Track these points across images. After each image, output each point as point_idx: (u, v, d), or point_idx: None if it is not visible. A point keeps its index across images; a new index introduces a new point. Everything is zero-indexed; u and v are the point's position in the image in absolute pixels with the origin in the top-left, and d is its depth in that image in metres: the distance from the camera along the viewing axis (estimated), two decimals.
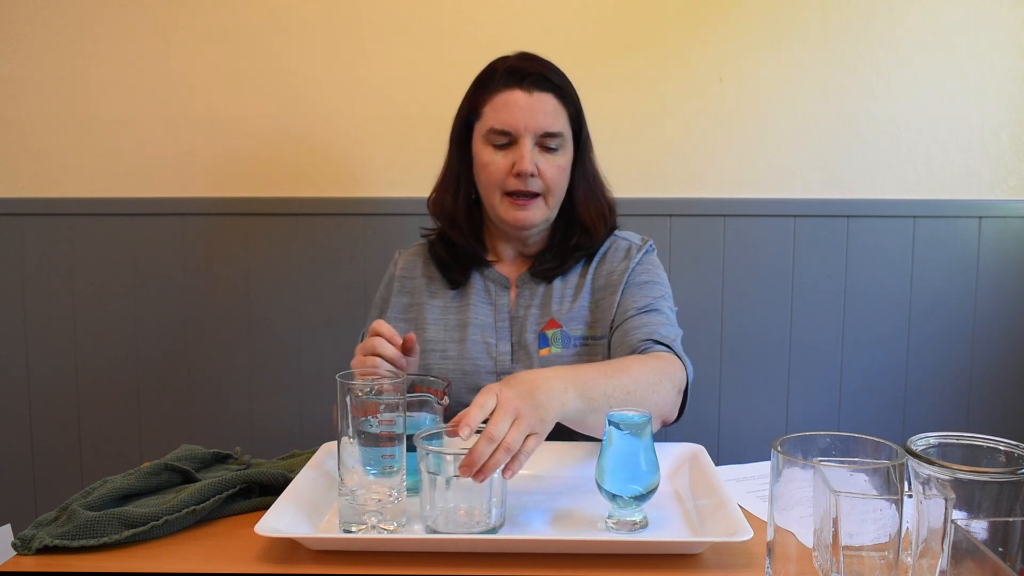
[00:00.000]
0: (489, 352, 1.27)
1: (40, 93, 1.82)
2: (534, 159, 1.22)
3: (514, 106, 1.22)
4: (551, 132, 1.23)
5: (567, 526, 0.92)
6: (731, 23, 1.79)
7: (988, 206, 1.82)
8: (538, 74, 1.23)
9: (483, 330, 1.28)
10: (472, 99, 1.28)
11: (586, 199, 1.31)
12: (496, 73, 1.25)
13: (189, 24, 1.80)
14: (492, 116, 1.23)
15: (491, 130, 1.23)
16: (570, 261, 1.31)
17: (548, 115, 1.22)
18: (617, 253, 1.33)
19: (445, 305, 1.32)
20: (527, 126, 1.21)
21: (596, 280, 1.30)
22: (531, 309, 1.29)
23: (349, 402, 0.88)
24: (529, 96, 1.22)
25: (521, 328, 1.28)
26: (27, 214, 1.84)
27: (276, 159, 1.83)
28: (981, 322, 1.85)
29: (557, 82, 1.24)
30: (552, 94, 1.23)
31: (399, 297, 1.35)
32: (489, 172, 1.24)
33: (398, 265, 1.38)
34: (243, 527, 0.93)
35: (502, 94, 1.23)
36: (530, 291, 1.31)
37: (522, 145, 1.22)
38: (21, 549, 0.87)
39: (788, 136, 1.82)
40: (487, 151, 1.25)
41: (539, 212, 1.26)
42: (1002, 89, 1.80)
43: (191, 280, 1.85)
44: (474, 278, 1.33)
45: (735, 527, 0.85)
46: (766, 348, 1.85)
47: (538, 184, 1.23)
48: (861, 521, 0.61)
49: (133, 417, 1.88)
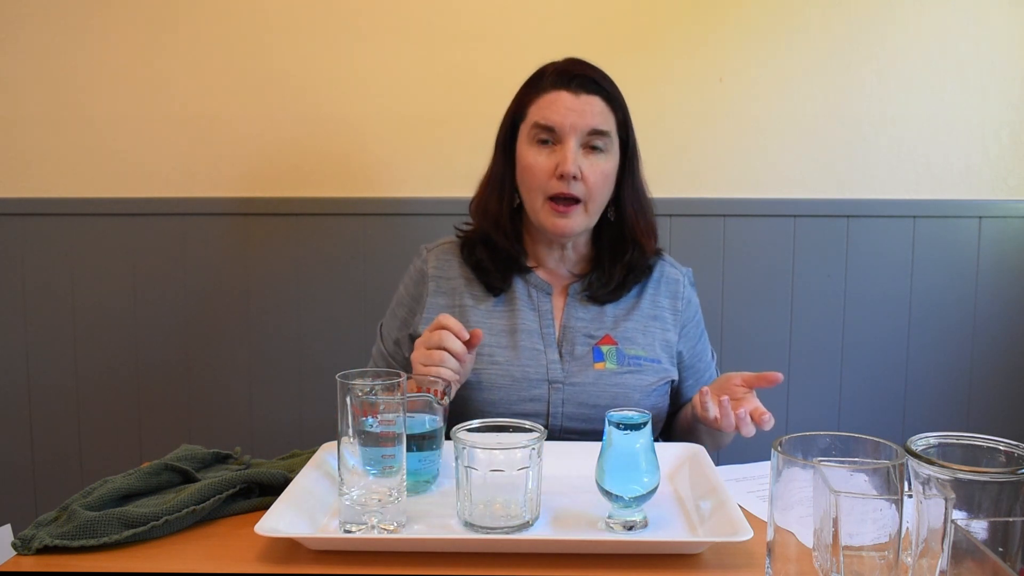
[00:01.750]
0: (539, 360, 1.25)
1: (40, 93, 1.82)
2: (578, 161, 1.20)
3: (560, 104, 1.21)
4: (598, 130, 1.21)
5: (567, 526, 0.92)
6: (731, 23, 1.79)
7: (988, 206, 1.82)
8: (587, 76, 1.22)
9: (531, 337, 1.27)
10: (519, 101, 1.27)
11: (636, 214, 1.29)
12: (544, 75, 1.25)
13: (190, 24, 1.80)
14: (537, 113, 1.22)
15: (535, 125, 1.22)
16: (624, 288, 1.30)
17: (596, 115, 1.21)
18: (668, 285, 1.34)
19: (489, 309, 1.29)
20: (573, 125, 1.20)
21: (651, 307, 1.31)
22: (583, 321, 1.28)
23: (349, 402, 0.88)
24: (576, 97, 1.21)
25: (572, 339, 1.27)
26: (27, 214, 1.84)
27: (276, 159, 1.83)
28: (981, 322, 1.85)
29: (606, 87, 1.24)
30: (600, 96, 1.23)
31: (436, 297, 1.31)
32: (533, 174, 1.23)
33: (429, 263, 1.33)
34: (243, 527, 0.93)
35: (549, 94, 1.22)
36: (582, 306, 1.30)
37: (567, 145, 1.20)
38: (21, 549, 0.87)
39: (788, 136, 1.82)
40: (531, 151, 1.23)
41: (579, 220, 1.24)
42: (1002, 89, 1.81)
43: (191, 280, 1.85)
44: (516, 283, 1.31)
45: (735, 527, 0.85)
46: (766, 348, 1.85)
47: (580, 188, 1.21)
48: (861, 521, 0.61)
49: (133, 417, 1.88)
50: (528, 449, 0.88)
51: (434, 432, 1.03)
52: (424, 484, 1.02)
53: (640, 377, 1.25)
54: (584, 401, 1.23)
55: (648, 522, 0.92)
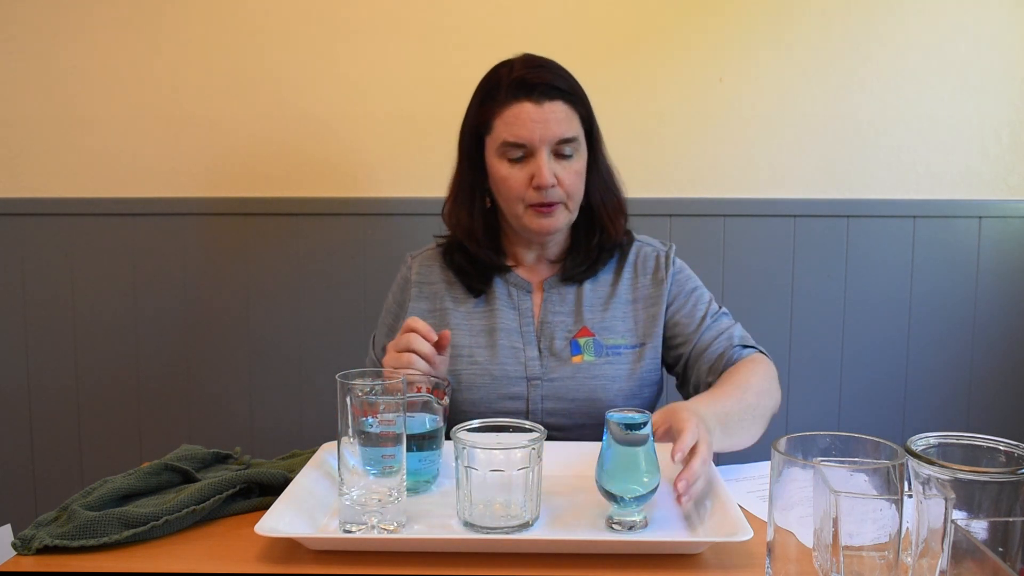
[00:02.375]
0: (518, 357, 1.26)
1: (38, 93, 1.82)
2: (552, 169, 1.21)
3: (526, 119, 1.20)
4: (566, 138, 1.21)
5: (567, 526, 0.92)
6: (731, 23, 1.79)
7: (988, 206, 1.82)
8: (547, 84, 1.21)
9: (510, 335, 1.27)
10: (480, 112, 1.25)
11: (603, 198, 1.30)
12: (501, 84, 1.22)
13: (189, 24, 1.80)
14: (504, 130, 1.21)
15: (504, 143, 1.21)
16: (599, 263, 1.31)
17: (561, 123, 1.21)
18: (647, 263, 1.33)
19: (469, 311, 1.30)
20: (542, 137, 1.20)
21: (633, 291, 1.31)
22: (560, 316, 1.29)
23: (349, 402, 0.88)
24: (540, 108, 1.20)
25: (551, 334, 1.27)
26: (27, 214, 1.84)
27: (276, 159, 1.83)
28: (981, 322, 1.85)
29: (565, 88, 1.23)
30: (562, 101, 1.21)
31: (418, 302, 1.32)
32: (509, 186, 1.23)
33: (412, 269, 1.35)
34: (243, 527, 0.93)
35: (512, 108, 1.20)
36: (559, 296, 1.30)
37: (539, 157, 1.20)
38: (21, 549, 0.87)
39: (788, 136, 1.82)
40: (503, 166, 1.23)
41: (562, 217, 1.25)
42: (1002, 89, 1.80)
43: (191, 280, 1.85)
44: (496, 283, 1.32)
45: (735, 527, 0.85)
46: (766, 348, 1.84)
47: (558, 193, 1.22)
48: (861, 521, 0.61)
49: (133, 417, 1.88)
50: (528, 449, 0.88)
51: (434, 432, 1.03)
52: (424, 484, 1.03)
53: (618, 367, 1.25)
54: (563, 396, 1.24)
55: (648, 522, 0.92)
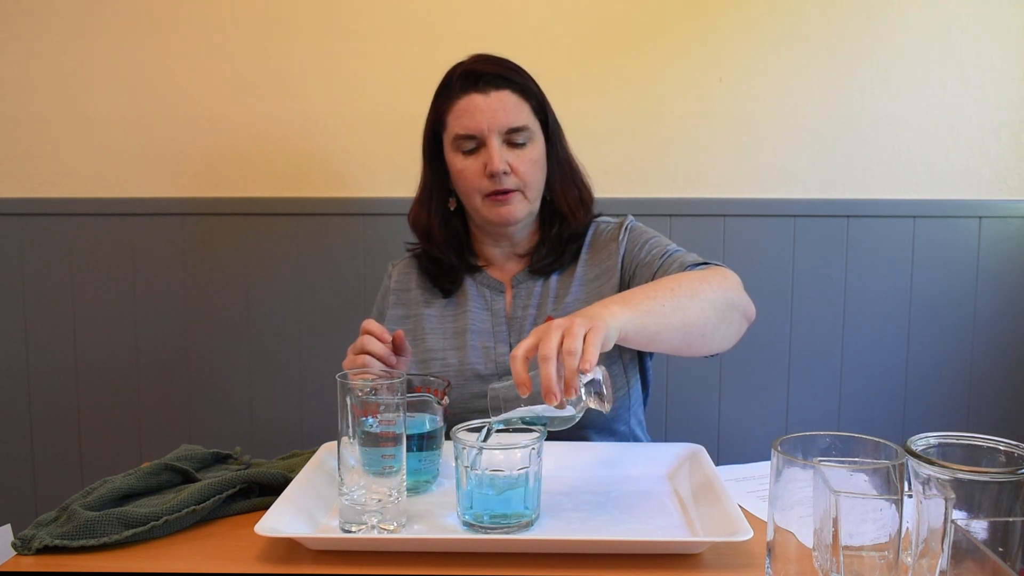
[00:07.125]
0: (488, 356, 1.27)
1: (39, 93, 1.82)
2: (504, 157, 1.23)
3: (474, 109, 1.22)
4: (515, 127, 1.23)
5: (567, 526, 0.92)
6: (731, 23, 1.79)
7: (988, 206, 1.82)
8: (493, 74, 1.24)
9: (481, 336, 1.29)
10: (435, 111, 1.29)
11: (563, 188, 1.32)
12: (452, 80, 1.26)
13: (189, 24, 1.80)
14: (455, 123, 1.24)
15: (456, 136, 1.25)
16: (566, 254, 1.31)
17: (509, 111, 1.23)
18: (601, 238, 1.33)
19: (441, 314, 1.32)
20: (490, 126, 1.22)
21: (589, 271, 1.30)
22: (528, 309, 1.30)
23: (349, 402, 0.88)
24: (487, 97, 1.22)
25: (520, 329, 1.28)
26: (27, 214, 1.84)
27: (275, 159, 1.83)
28: (981, 322, 1.85)
29: (513, 78, 1.25)
30: (510, 90, 1.24)
31: (394, 309, 1.35)
32: (464, 178, 1.26)
33: (392, 277, 1.40)
34: (243, 527, 0.93)
35: (461, 100, 1.24)
36: (527, 290, 1.31)
37: (490, 146, 1.22)
38: (21, 549, 0.87)
39: (788, 136, 1.82)
40: (458, 159, 1.26)
41: (520, 207, 1.26)
42: (1002, 89, 1.80)
43: (191, 280, 1.85)
44: (467, 284, 1.33)
45: (735, 527, 0.85)
46: (766, 348, 1.85)
47: (513, 181, 1.24)
48: (861, 521, 0.61)
49: (133, 417, 1.88)
50: (528, 449, 0.89)
51: (434, 432, 1.03)
52: (424, 484, 1.03)
53: None
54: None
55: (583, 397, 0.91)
